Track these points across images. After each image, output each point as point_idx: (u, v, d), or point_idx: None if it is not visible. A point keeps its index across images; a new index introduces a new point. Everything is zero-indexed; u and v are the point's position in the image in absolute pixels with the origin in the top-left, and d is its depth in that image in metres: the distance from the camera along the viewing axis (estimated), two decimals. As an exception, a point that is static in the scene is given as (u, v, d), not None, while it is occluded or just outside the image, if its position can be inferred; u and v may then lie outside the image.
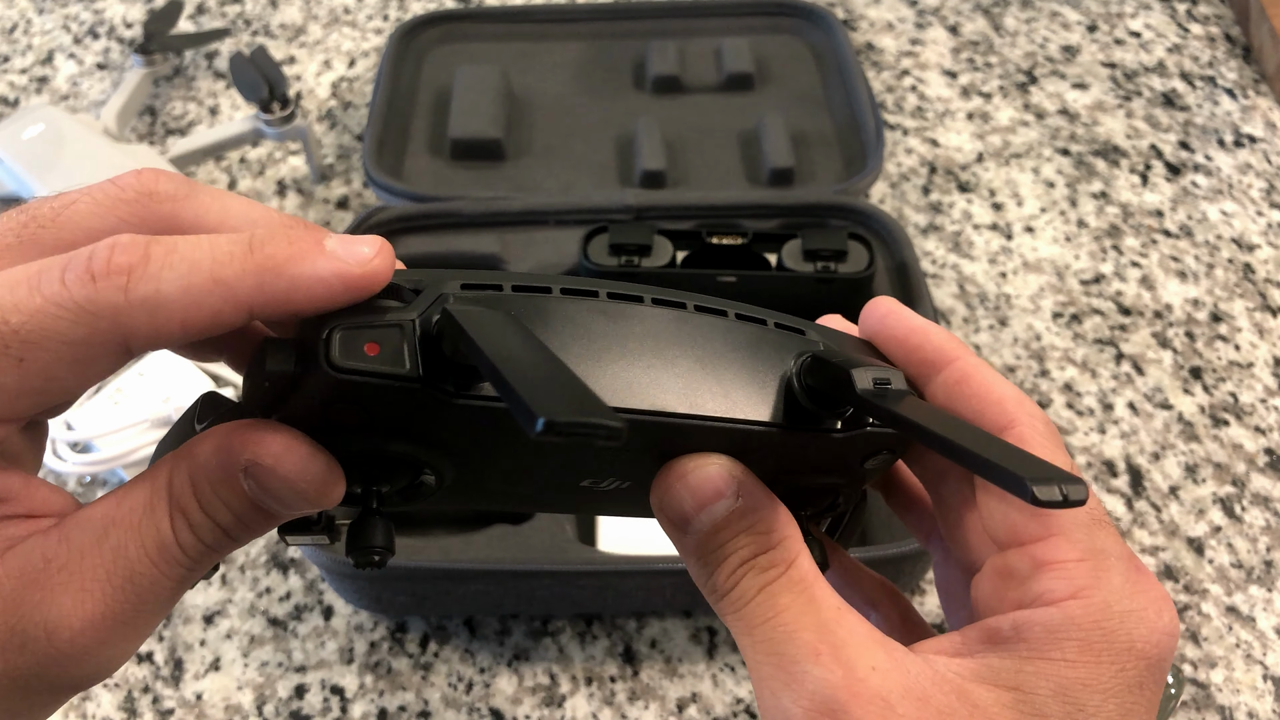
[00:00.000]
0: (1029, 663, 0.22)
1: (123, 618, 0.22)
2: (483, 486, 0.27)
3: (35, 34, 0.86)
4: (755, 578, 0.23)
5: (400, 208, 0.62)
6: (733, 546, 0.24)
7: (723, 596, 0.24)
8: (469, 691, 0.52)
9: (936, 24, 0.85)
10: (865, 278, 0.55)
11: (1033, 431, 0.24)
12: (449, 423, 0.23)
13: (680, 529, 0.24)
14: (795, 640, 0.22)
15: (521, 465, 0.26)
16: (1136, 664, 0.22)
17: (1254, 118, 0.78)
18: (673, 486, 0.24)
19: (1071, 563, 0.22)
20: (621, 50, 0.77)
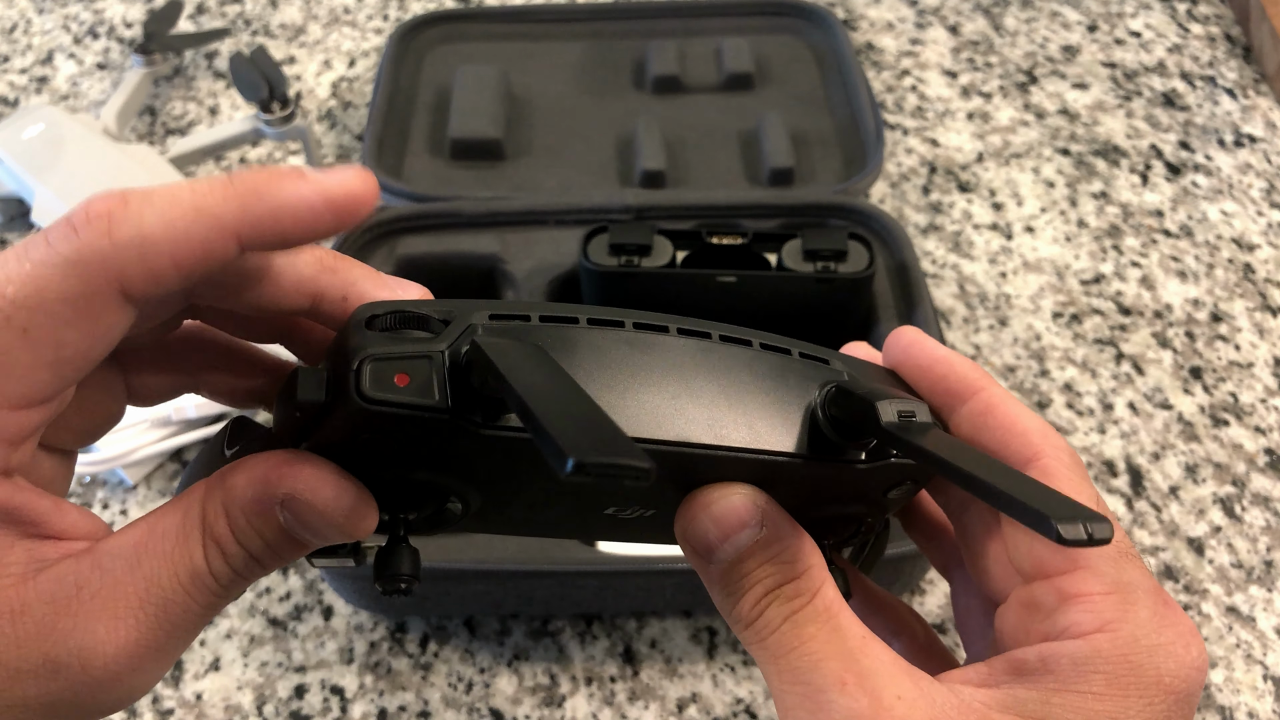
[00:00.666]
0: (1055, 694, 0.21)
1: (155, 644, 0.22)
2: (507, 515, 0.27)
3: (35, 34, 0.86)
4: (780, 607, 0.23)
5: (400, 208, 0.62)
6: (757, 576, 0.24)
7: (747, 626, 0.24)
8: (469, 691, 0.52)
9: (937, 24, 0.85)
10: (865, 278, 0.55)
11: (1058, 464, 0.24)
12: (476, 453, 0.23)
13: (704, 558, 0.24)
14: (821, 669, 0.22)
15: (546, 495, 0.26)
16: (1165, 698, 0.21)
17: (1254, 118, 0.78)
18: (697, 516, 0.24)
19: (1098, 596, 0.22)
20: (621, 50, 0.77)
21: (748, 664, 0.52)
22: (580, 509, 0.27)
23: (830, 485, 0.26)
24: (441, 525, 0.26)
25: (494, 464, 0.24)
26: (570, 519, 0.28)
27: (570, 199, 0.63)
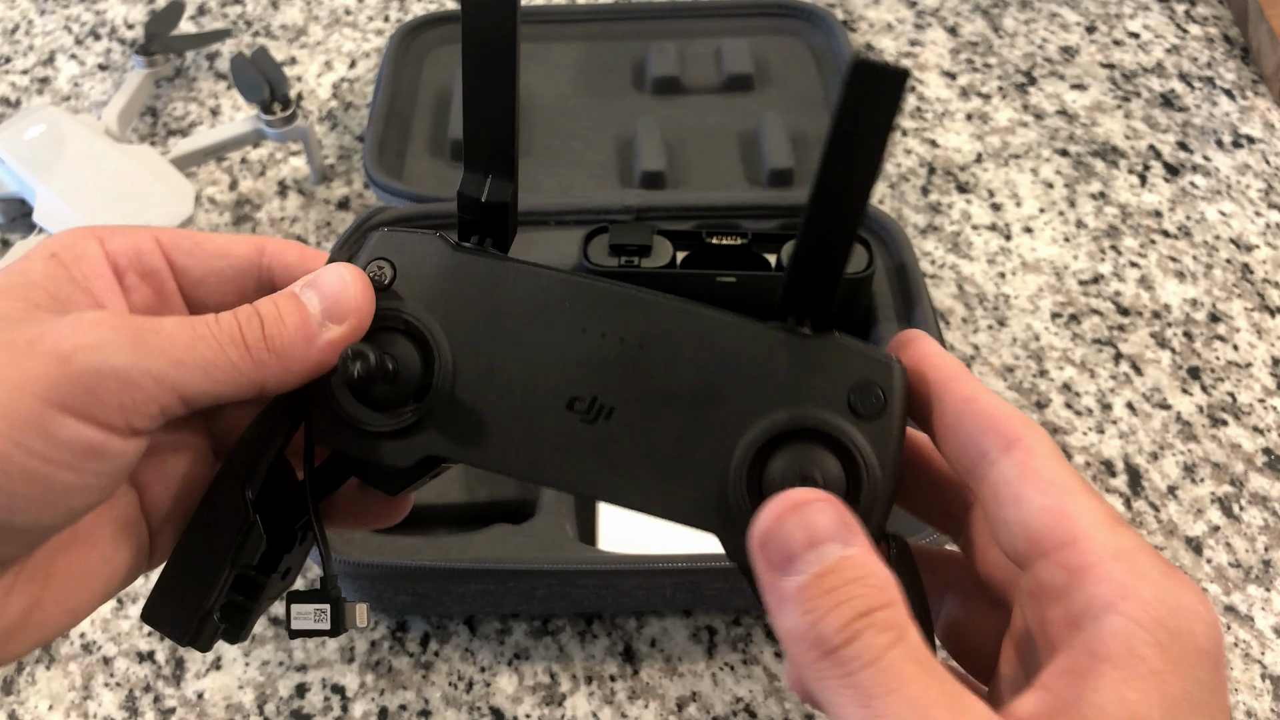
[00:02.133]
0: (1125, 687, 0.20)
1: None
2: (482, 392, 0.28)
3: (37, 35, 0.86)
4: (876, 636, 0.21)
5: (401, 208, 0.62)
6: (846, 594, 0.21)
7: (833, 652, 0.21)
8: (469, 690, 0.52)
9: (935, 25, 0.85)
10: (864, 278, 0.55)
11: (1040, 446, 0.24)
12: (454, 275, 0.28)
13: (780, 568, 0.22)
14: (930, 715, 0.20)
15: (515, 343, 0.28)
16: (1205, 662, 0.21)
17: (1252, 118, 0.78)
18: (784, 516, 0.22)
19: (1106, 562, 0.22)
20: (621, 51, 0.77)
21: (747, 663, 0.53)
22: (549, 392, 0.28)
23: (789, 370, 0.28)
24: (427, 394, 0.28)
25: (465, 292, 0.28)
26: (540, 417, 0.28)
27: (570, 200, 0.63)
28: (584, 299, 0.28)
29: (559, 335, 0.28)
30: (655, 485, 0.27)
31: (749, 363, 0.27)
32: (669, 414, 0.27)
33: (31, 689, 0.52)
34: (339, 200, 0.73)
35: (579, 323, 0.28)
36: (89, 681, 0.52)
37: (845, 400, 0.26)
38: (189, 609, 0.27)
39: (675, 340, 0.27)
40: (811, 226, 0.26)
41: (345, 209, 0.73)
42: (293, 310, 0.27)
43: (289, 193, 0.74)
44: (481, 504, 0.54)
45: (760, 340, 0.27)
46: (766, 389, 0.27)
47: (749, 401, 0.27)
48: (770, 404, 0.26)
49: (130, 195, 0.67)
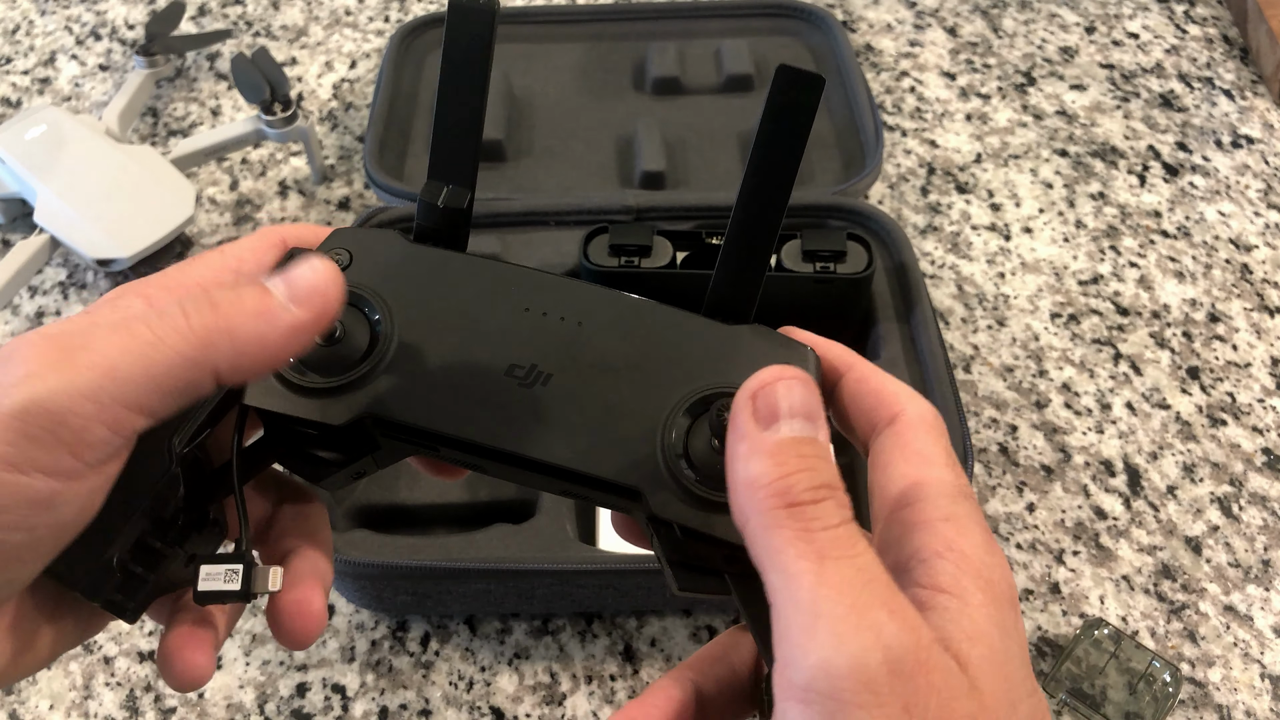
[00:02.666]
0: (963, 613, 0.23)
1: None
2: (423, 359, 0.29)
3: (38, 35, 0.86)
4: (836, 509, 0.22)
5: (401, 208, 0.62)
6: (817, 464, 0.23)
7: (798, 506, 0.22)
8: (470, 690, 0.52)
9: (935, 25, 0.85)
10: (864, 278, 0.55)
11: (918, 420, 0.27)
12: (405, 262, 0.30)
13: (762, 421, 0.23)
14: (875, 589, 0.22)
15: (459, 317, 0.29)
16: (1013, 611, 0.24)
17: (1252, 119, 0.78)
18: (782, 380, 0.24)
19: (938, 521, 0.24)
20: (622, 52, 0.77)
21: (747, 662, 0.53)
22: (490, 356, 0.29)
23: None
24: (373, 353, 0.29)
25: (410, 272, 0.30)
26: (481, 383, 0.29)
27: (570, 200, 0.63)
28: (529, 284, 0.30)
29: (502, 313, 0.29)
30: (585, 442, 0.28)
31: (679, 344, 0.29)
32: (603, 382, 0.28)
33: (32, 689, 0.52)
34: (339, 200, 0.74)
35: (523, 303, 0.29)
36: (90, 681, 0.53)
37: None
38: (89, 552, 0.25)
39: (612, 321, 0.29)
40: (737, 227, 0.29)
41: (346, 209, 0.73)
42: (253, 294, 0.25)
43: (289, 193, 0.74)
44: (481, 504, 0.54)
45: (689, 326, 0.29)
46: (695, 365, 0.29)
47: (679, 374, 0.28)
48: (699, 376, 0.28)
49: (130, 195, 0.67)
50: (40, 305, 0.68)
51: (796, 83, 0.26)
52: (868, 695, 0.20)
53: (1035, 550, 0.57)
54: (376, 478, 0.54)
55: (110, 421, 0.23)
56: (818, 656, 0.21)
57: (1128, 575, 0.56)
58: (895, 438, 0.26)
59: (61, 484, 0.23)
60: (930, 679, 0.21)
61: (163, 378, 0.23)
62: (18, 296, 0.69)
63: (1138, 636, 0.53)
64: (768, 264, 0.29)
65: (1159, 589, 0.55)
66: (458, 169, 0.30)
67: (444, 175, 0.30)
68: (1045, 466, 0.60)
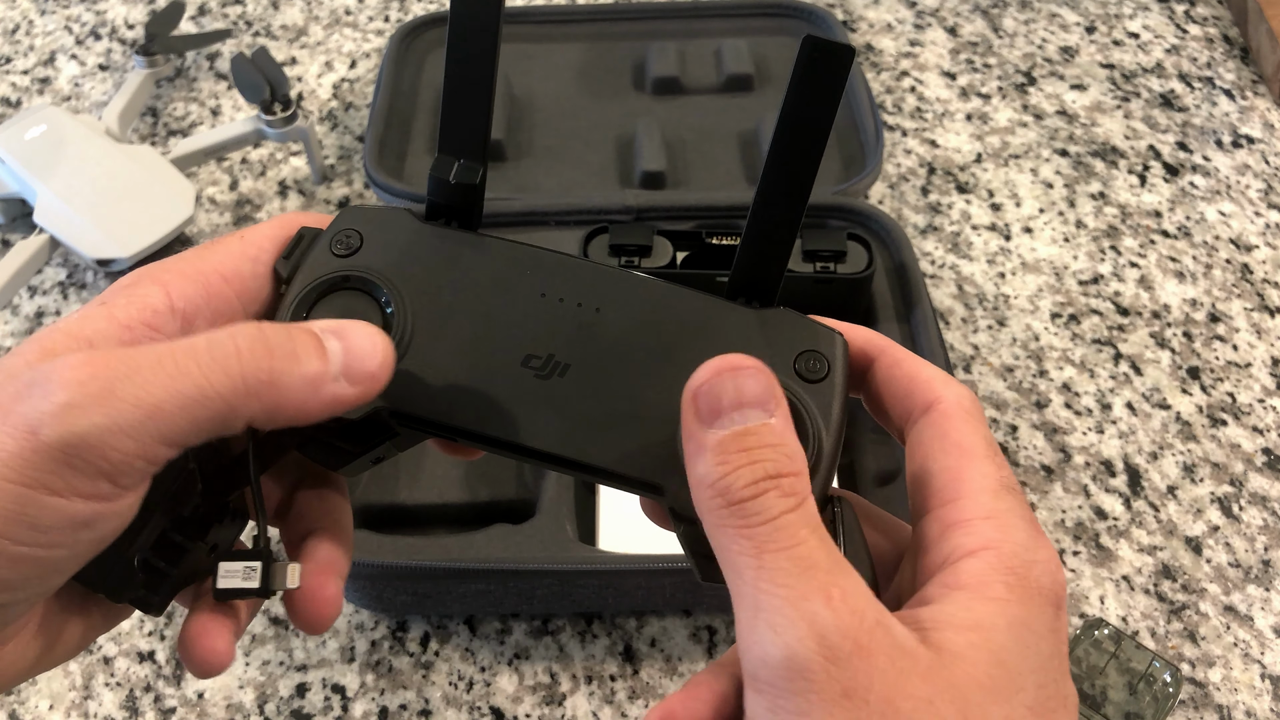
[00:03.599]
0: (976, 602, 0.23)
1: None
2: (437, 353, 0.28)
3: (37, 35, 0.86)
4: (779, 499, 0.22)
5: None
6: (759, 455, 0.23)
7: (736, 504, 0.22)
8: (470, 690, 0.52)
9: (935, 25, 0.85)
10: (864, 278, 0.55)
11: (956, 408, 0.26)
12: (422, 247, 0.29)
13: (705, 420, 0.23)
14: (811, 576, 0.22)
15: (474, 305, 0.28)
16: (1048, 606, 0.24)
17: (1252, 118, 0.78)
18: (721, 374, 0.23)
19: (978, 520, 0.24)
20: (622, 52, 0.77)
21: (747, 663, 0.53)
22: (506, 348, 0.28)
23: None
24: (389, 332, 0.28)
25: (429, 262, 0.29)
26: (498, 375, 0.28)
27: (570, 200, 0.63)
28: (545, 267, 0.29)
29: (518, 298, 0.29)
30: (604, 436, 0.27)
31: (701, 330, 0.28)
32: (622, 372, 0.28)
33: (32, 689, 0.52)
34: (339, 200, 0.74)
35: (539, 288, 0.29)
36: (89, 681, 0.52)
37: (791, 366, 0.28)
38: (111, 554, 0.25)
39: (631, 307, 0.28)
40: (762, 205, 0.28)
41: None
42: (308, 352, 0.25)
43: (289, 193, 0.74)
44: (481, 504, 0.54)
45: (712, 311, 0.28)
46: (717, 352, 0.27)
47: (700, 362, 0.27)
48: None
49: (130, 195, 0.67)
50: (40, 305, 0.68)
51: (825, 53, 0.25)
52: (803, 683, 0.21)
53: (1035, 550, 0.57)
54: (376, 477, 0.54)
55: (149, 455, 0.23)
56: (758, 649, 0.22)
57: (1128, 575, 0.56)
58: (932, 427, 0.26)
59: (99, 505, 0.23)
60: (873, 661, 0.21)
61: (203, 420, 0.24)
62: (18, 296, 0.69)
63: (1138, 637, 0.53)
64: (793, 244, 0.28)
65: (1159, 589, 0.55)
66: (469, 143, 0.29)
67: (454, 149, 0.30)
68: (1045, 466, 0.60)
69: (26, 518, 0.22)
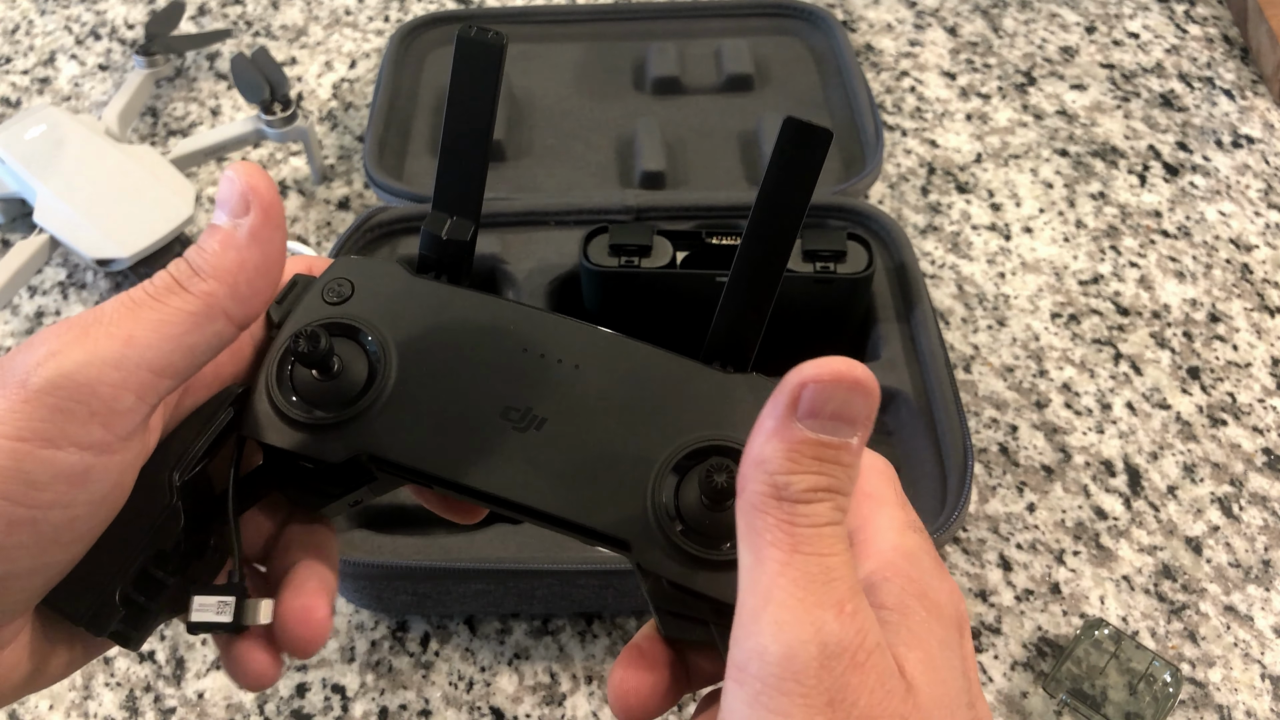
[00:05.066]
0: (908, 622, 0.24)
1: None
2: (417, 401, 0.29)
3: (37, 35, 0.86)
4: (831, 510, 0.23)
5: (401, 208, 0.62)
6: (830, 470, 0.23)
7: (789, 502, 0.23)
8: (470, 690, 0.52)
9: (935, 25, 0.85)
10: (864, 278, 0.55)
11: (868, 468, 0.28)
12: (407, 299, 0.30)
13: (801, 413, 0.23)
14: (832, 588, 0.22)
15: (457, 356, 0.29)
16: (957, 631, 0.25)
17: (1252, 118, 0.78)
18: (838, 382, 0.23)
19: (886, 550, 0.26)
20: (622, 52, 0.77)
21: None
22: (484, 400, 0.28)
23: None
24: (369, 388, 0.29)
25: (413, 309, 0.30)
26: (477, 422, 0.29)
27: (570, 200, 0.63)
28: (529, 323, 0.30)
29: (501, 352, 0.29)
30: (576, 491, 0.28)
31: (675, 391, 0.29)
32: (597, 428, 0.28)
33: (32, 689, 0.52)
34: (339, 200, 0.74)
35: (521, 343, 0.29)
36: (89, 681, 0.52)
37: None
38: (92, 587, 0.26)
39: (611, 365, 0.29)
40: (740, 275, 0.28)
41: (345, 209, 0.73)
42: (210, 235, 0.27)
43: (289, 193, 0.74)
44: (481, 504, 0.54)
45: (689, 373, 0.29)
46: (690, 414, 0.28)
47: (673, 423, 0.28)
48: (693, 426, 0.28)
49: (130, 195, 0.67)
50: (40, 305, 0.68)
51: (804, 136, 0.26)
52: (793, 684, 0.21)
53: (1035, 550, 0.57)
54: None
55: (137, 387, 0.24)
56: (756, 641, 0.22)
57: (1128, 575, 0.56)
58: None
59: (95, 458, 0.24)
60: (865, 678, 0.22)
61: (180, 335, 0.25)
62: (18, 296, 0.69)
63: (1138, 637, 0.53)
64: (768, 313, 0.29)
65: (1159, 589, 0.55)
66: (462, 201, 0.30)
67: (448, 207, 0.30)
68: (1045, 466, 0.60)
69: (22, 473, 0.22)
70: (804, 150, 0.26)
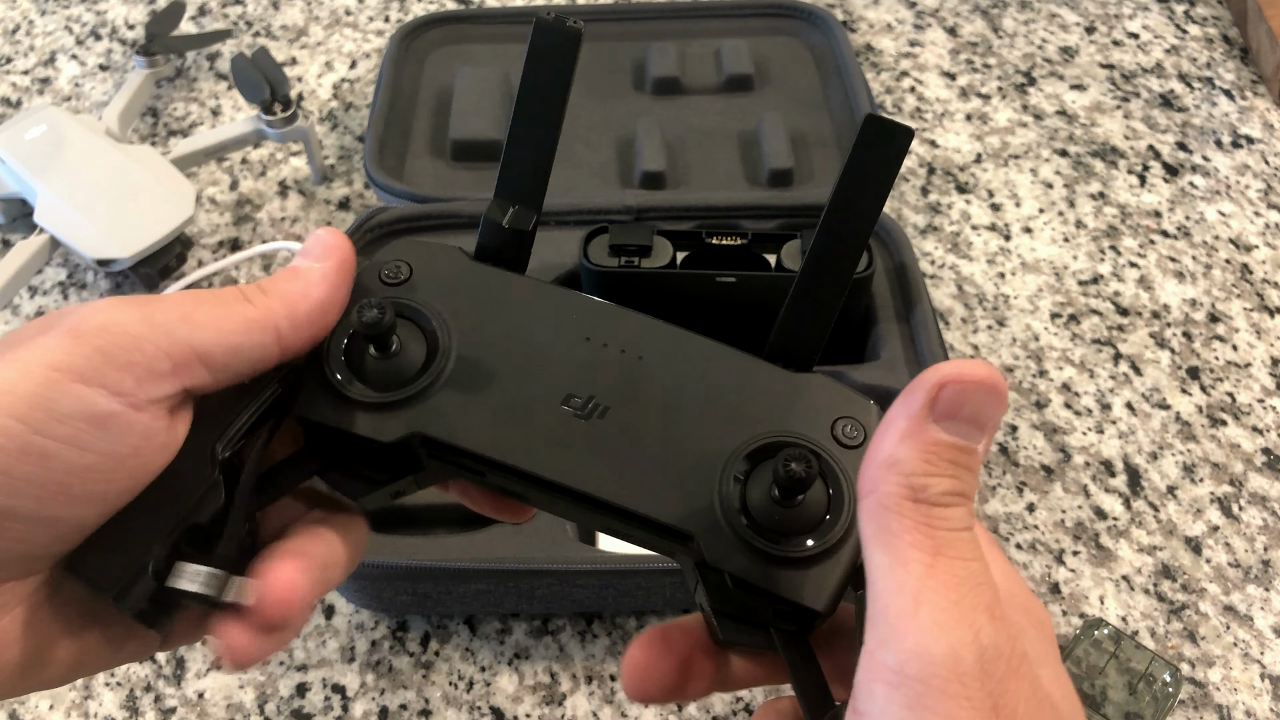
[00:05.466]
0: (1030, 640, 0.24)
1: None
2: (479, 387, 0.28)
3: (38, 35, 0.86)
4: (966, 515, 0.23)
5: (401, 208, 0.62)
6: (963, 475, 0.23)
7: (925, 502, 0.22)
8: (470, 690, 0.52)
9: (935, 25, 0.85)
10: (864, 278, 0.55)
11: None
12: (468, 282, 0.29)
13: (936, 414, 0.23)
14: (981, 593, 0.22)
15: (518, 342, 0.29)
16: (1056, 643, 0.26)
17: (1252, 119, 0.78)
18: (981, 386, 0.23)
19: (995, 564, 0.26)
20: (622, 52, 0.77)
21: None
22: (547, 386, 0.28)
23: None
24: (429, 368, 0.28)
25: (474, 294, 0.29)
26: (538, 414, 0.28)
27: (571, 200, 0.63)
28: (591, 313, 0.29)
29: (562, 340, 0.28)
30: (639, 481, 0.27)
31: (741, 387, 0.28)
32: (661, 419, 0.28)
33: (32, 688, 0.52)
34: (339, 200, 0.74)
35: (583, 332, 0.29)
36: (90, 681, 0.53)
37: (829, 430, 0.28)
38: (125, 558, 0.25)
39: (674, 358, 0.28)
40: (809, 274, 0.28)
41: (346, 209, 0.73)
42: (285, 270, 0.28)
43: (289, 193, 0.74)
44: (482, 504, 0.54)
45: (753, 370, 0.28)
46: (756, 410, 0.28)
47: (739, 418, 0.27)
48: (759, 423, 0.27)
49: (131, 195, 0.67)
50: (40, 305, 0.68)
51: (886, 134, 0.26)
52: (958, 686, 0.21)
53: (1035, 550, 0.57)
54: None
55: (179, 358, 0.25)
56: (915, 640, 0.21)
57: (1128, 575, 0.56)
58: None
59: (120, 406, 0.24)
60: (1020, 686, 0.21)
61: (231, 332, 0.26)
62: (18, 296, 0.69)
63: (1138, 636, 0.53)
64: (836, 314, 0.28)
65: (1159, 589, 0.55)
66: (526, 191, 0.30)
67: (511, 195, 0.30)
68: (1045, 466, 0.60)
69: (48, 401, 0.23)
70: (884, 149, 0.26)
